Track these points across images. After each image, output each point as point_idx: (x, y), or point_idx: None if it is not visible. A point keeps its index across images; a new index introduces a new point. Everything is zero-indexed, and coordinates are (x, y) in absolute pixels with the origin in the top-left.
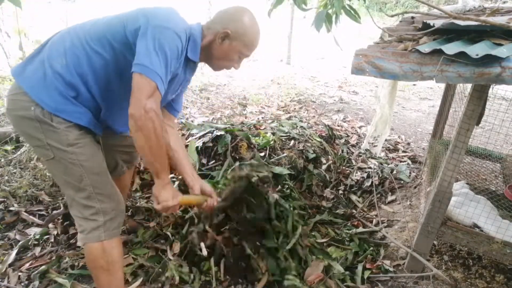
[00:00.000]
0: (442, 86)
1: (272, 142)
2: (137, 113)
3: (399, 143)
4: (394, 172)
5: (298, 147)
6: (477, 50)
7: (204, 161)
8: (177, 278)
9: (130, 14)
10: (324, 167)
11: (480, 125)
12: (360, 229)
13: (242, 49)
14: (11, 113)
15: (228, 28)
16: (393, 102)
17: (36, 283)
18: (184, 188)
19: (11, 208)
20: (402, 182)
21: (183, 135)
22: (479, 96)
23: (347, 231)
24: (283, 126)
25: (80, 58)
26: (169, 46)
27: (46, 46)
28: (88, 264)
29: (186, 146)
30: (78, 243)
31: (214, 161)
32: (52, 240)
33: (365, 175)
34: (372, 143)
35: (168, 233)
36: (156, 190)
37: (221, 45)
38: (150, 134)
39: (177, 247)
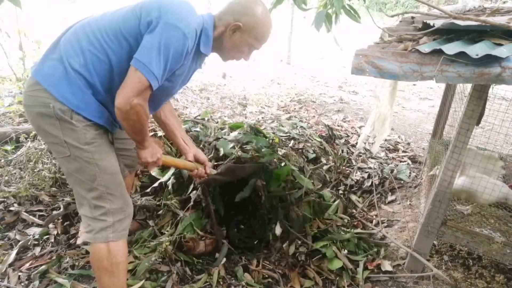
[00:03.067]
0: (442, 86)
1: None
2: (123, 107)
3: (399, 143)
4: (394, 172)
5: (298, 147)
6: (477, 50)
7: None
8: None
9: (145, 5)
10: (324, 167)
11: (480, 125)
12: (360, 229)
13: (252, 42)
14: (28, 109)
15: (240, 20)
16: (394, 102)
17: (36, 283)
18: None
19: (11, 208)
20: (402, 182)
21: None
22: (479, 96)
23: (347, 230)
24: (283, 126)
25: (99, 57)
26: (175, 47)
27: (60, 43)
28: (92, 264)
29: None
30: (79, 242)
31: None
32: (52, 240)
33: (365, 175)
34: (370, 142)
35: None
36: (138, 152)
37: (231, 37)
38: (135, 123)
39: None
